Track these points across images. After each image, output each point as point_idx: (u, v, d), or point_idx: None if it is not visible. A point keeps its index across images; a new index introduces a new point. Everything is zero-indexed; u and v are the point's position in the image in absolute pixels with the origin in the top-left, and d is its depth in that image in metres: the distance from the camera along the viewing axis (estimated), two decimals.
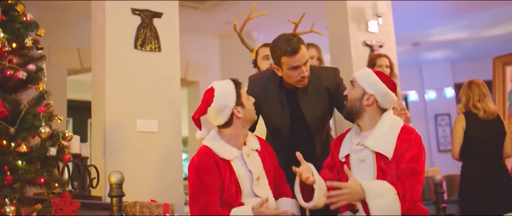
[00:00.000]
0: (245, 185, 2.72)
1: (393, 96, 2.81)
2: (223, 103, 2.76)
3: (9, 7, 2.60)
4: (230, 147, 2.76)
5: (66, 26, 6.52)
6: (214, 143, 2.77)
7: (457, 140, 4.35)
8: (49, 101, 2.64)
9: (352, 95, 2.81)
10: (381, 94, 2.77)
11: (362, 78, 2.80)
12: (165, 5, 4.39)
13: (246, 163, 2.77)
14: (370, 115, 2.78)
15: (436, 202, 4.57)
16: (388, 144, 2.69)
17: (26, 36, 2.62)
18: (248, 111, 2.80)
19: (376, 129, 2.74)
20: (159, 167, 4.16)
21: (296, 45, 2.90)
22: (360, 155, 2.73)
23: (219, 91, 2.79)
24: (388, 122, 2.76)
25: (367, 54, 5.40)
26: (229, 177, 2.70)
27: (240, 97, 2.78)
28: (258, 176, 2.75)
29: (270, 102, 3.12)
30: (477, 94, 4.34)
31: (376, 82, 2.77)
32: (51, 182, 2.51)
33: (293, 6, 6.41)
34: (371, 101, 2.77)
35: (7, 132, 2.44)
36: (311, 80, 3.07)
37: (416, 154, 2.68)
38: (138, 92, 4.19)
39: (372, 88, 2.77)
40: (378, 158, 2.70)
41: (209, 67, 7.74)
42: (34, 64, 2.60)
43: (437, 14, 7.53)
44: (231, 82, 2.82)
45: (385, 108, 2.80)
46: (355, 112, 2.81)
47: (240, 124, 2.79)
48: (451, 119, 9.29)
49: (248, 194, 2.72)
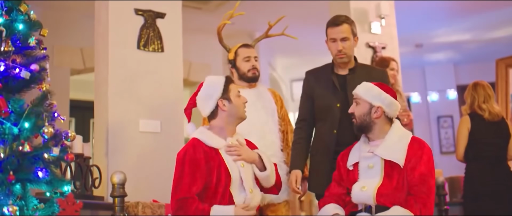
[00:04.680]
0: (234, 171, 2.79)
1: (398, 104, 2.94)
2: (209, 93, 2.87)
3: (13, 7, 2.61)
4: (217, 137, 2.85)
5: (69, 26, 6.52)
6: (203, 134, 2.85)
7: (462, 141, 4.34)
8: (52, 101, 2.64)
9: (359, 111, 2.91)
10: (387, 104, 2.89)
11: (365, 93, 2.92)
12: (168, 6, 4.39)
13: None
14: (380, 127, 2.90)
15: (439, 204, 4.56)
16: (399, 152, 2.81)
17: (30, 36, 2.63)
18: (235, 107, 2.86)
19: (387, 138, 2.86)
20: (161, 167, 4.17)
21: (339, 19, 3.26)
22: (369, 162, 2.84)
23: (207, 83, 2.92)
24: (398, 132, 2.89)
25: (369, 55, 5.40)
26: (218, 165, 2.77)
27: (227, 91, 2.87)
28: (242, 163, 2.84)
29: (323, 84, 3.31)
30: (483, 96, 4.34)
31: (380, 93, 2.90)
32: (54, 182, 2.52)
33: (296, 7, 6.41)
34: (379, 113, 2.88)
35: (11, 131, 2.44)
36: (362, 72, 3.30)
37: (429, 170, 2.78)
38: (141, 92, 4.19)
39: (378, 100, 2.89)
40: (386, 166, 2.80)
41: (212, 67, 7.73)
42: (38, 64, 2.60)
43: (440, 16, 7.52)
44: (222, 77, 2.93)
45: (392, 117, 2.92)
46: (366, 126, 2.91)
47: (225, 117, 2.86)
48: (454, 121, 9.28)
49: (236, 181, 2.79)
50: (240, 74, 3.61)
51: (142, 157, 4.11)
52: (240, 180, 2.80)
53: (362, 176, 2.84)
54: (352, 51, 3.29)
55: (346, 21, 3.25)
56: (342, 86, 3.27)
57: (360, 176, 2.85)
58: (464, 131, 4.34)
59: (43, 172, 2.48)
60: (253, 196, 2.80)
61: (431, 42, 8.54)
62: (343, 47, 3.23)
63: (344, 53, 3.24)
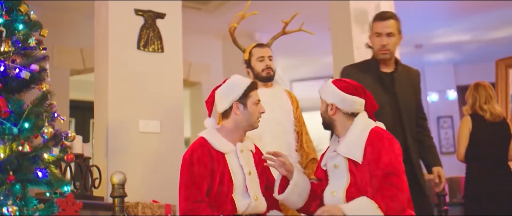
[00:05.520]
0: (237, 179, 2.74)
1: (354, 99, 2.77)
2: (227, 92, 2.82)
3: (13, 7, 2.61)
4: (225, 141, 2.79)
5: (69, 26, 6.52)
6: (211, 135, 2.80)
7: (463, 142, 4.34)
8: (52, 101, 2.64)
9: (322, 110, 2.85)
10: (339, 100, 2.77)
11: (322, 91, 2.84)
12: (168, 6, 4.39)
13: (239, 158, 2.79)
14: (340, 123, 2.79)
15: (438, 205, 4.57)
16: (356, 148, 2.69)
17: (30, 36, 2.63)
18: (248, 114, 2.80)
19: (347, 134, 2.76)
20: (161, 167, 4.17)
21: (386, 14, 3.32)
22: (334, 161, 2.75)
23: (230, 81, 2.86)
24: (358, 126, 2.75)
25: (369, 55, 5.38)
26: (222, 170, 2.72)
27: (246, 96, 2.80)
28: (249, 170, 2.78)
29: (368, 81, 3.24)
30: (484, 96, 4.34)
31: (333, 90, 2.79)
32: (54, 182, 2.52)
33: (295, 7, 6.40)
34: (334, 110, 2.78)
35: (10, 132, 2.44)
36: (402, 71, 3.37)
37: (391, 159, 2.63)
38: (141, 92, 4.19)
39: (331, 98, 2.79)
40: (350, 163, 2.71)
41: (211, 68, 7.73)
42: (38, 64, 2.60)
43: (440, 16, 7.52)
44: (248, 80, 2.86)
45: (353, 112, 2.79)
46: (327, 124, 2.84)
47: (237, 121, 2.80)
48: (454, 122, 9.27)
49: (239, 188, 2.74)
50: (255, 74, 3.59)
51: (142, 157, 4.11)
52: (245, 187, 2.75)
53: (331, 177, 2.75)
54: (395, 48, 3.30)
55: (393, 17, 3.26)
56: (388, 84, 3.28)
57: (329, 177, 2.76)
58: (465, 132, 4.34)
59: (43, 173, 2.48)
60: (258, 203, 2.76)
61: (431, 42, 8.54)
62: (387, 43, 3.23)
63: (387, 48, 3.25)
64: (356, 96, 2.78)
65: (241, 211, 2.73)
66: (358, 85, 2.84)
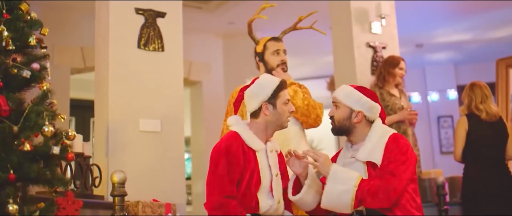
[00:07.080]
0: (265, 179, 2.72)
1: (378, 107, 2.85)
2: (256, 92, 2.79)
3: (14, 6, 2.61)
4: (257, 139, 2.76)
5: (69, 25, 6.52)
6: (244, 131, 2.76)
7: (459, 142, 4.34)
8: (53, 100, 2.64)
9: (339, 115, 2.83)
10: (368, 108, 2.81)
11: (346, 97, 2.83)
12: (168, 5, 4.39)
13: (268, 158, 2.77)
14: (360, 130, 2.81)
15: (439, 204, 4.56)
16: (377, 152, 2.72)
17: (30, 35, 2.63)
18: (278, 114, 2.78)
19: (366, 140, 2.78)
20: (161, 166, 4.17)
21: None
22: (352, 168, 2.76)
23: (259, 81, 2.84)
24: (377, 132, 2.79)
25: (370, 55, 5.40)
26: (253, 168, 2.70)
27: (276, 97, 2.78)
28: (276, 172, 2.77)
29: None
30: (480, 96, 4.33)
31: (360, 98, 2.81)
32: (54, 181, 2.52)
33: (296, 7, 6.40)
34: (360, 118, 2.80)
35: (11, 130, 2.45)
36: None
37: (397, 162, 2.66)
38: (141, 91, 4.19)
39: (359, 105, 2.80)
40: (369, 168, 2.73)
41: (212, 67, 7.73)
42: (38, 63, 2.60)
43: (440, 16, 7.51)
44: (277, 80, 2.83)
45: (373, 120, 2.83)
46: (345, 130, 2.84)
47: (267, 121, 2.78)
48: (454, 121, 9.26)
49: (265, 188, 2.72)
50: (268, 68, 3.50)
51: (142, 156, 4.11)
52: (270, 188, 2.73)
53: None
54: None
55: None
56: None
57: None
58: (461, 132, 4.34)
59: (43, 172, 2.48)
60: (279, 206, 2.75)
61: (432, 42, 8.54)
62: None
63: None
64: (378, 103, 2.85)
65: (263, 211, 2.71)
66: (374, 93, 2.89)
